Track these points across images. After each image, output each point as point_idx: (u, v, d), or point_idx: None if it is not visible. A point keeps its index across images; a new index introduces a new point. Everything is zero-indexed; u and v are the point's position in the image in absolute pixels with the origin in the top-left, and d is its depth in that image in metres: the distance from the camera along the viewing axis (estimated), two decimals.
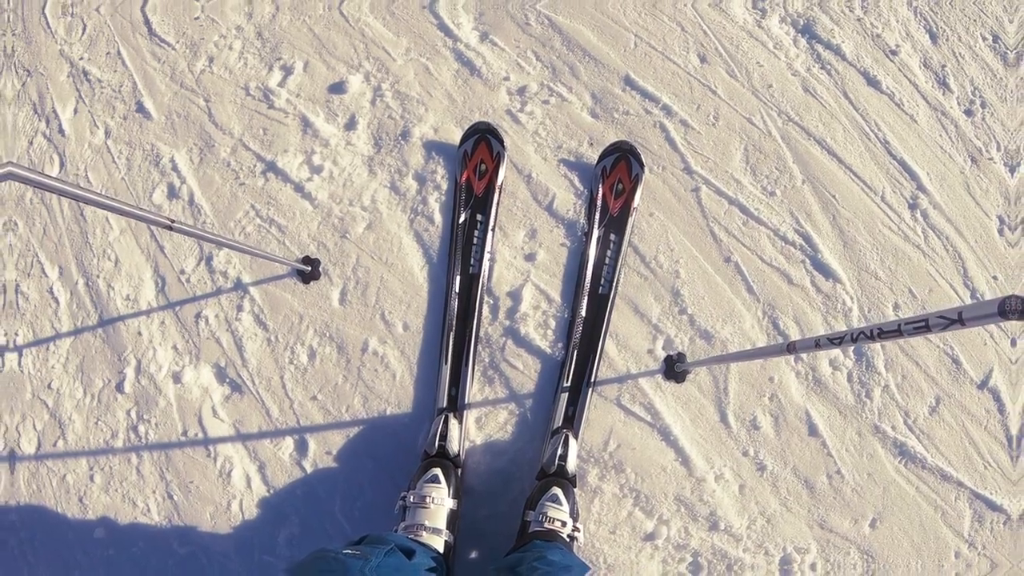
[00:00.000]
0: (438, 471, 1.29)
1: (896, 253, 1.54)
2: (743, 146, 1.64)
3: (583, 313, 1.49)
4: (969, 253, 1.54)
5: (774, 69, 1.71)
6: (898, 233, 1.56)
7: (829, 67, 1.71)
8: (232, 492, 1.45)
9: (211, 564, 1.42)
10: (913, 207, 1.58)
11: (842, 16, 1.77)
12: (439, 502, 1.26)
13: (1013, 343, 1.48)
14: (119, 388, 1.54)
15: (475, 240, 1.56)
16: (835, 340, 0.94)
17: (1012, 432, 1.42)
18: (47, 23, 1.95)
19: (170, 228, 1.09)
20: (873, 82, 1.70)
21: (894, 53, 1.73)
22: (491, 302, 1.54)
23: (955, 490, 1.38)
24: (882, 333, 0.85)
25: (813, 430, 1.42)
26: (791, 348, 1.05)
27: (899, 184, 1.60)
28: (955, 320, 0.73)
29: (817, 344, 0.98)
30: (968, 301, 1.51)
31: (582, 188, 1.61)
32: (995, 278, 1.53)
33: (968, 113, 1.67)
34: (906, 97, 1.68)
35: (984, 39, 1.74)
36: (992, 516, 1.37)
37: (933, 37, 1.75)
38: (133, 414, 1.52)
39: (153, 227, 1.63)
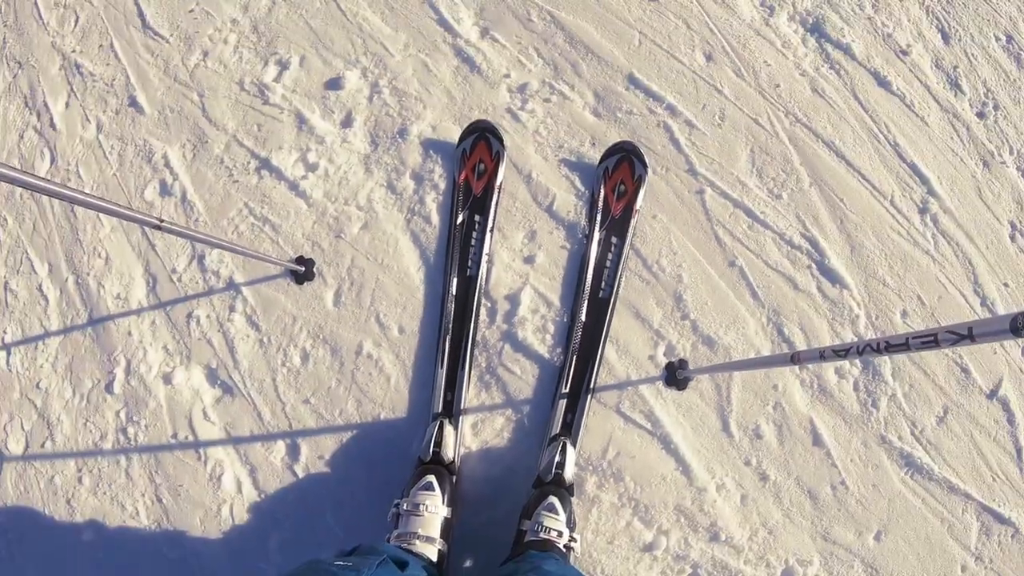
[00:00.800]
0: (432, 478, 1.26)
1: (905, 259, 1.51)
2: (749, 148, 1.60)
3: (583, 318, 1.46)
4: (980, 259, 1.51)
5: (782, 68, 1.67)
6: (907, 238, 1.53)
7: (838, 67, 1.67)
8: (223, 496, 1.42)
9: (202, 569, 1.39)
10: (923, 212, 1.55)
11: (852, 15, 1.73)
12: (433, 510, 1.23)
13: None
14: (108, 389, 1.51)
15: (473, 241, 1.53)
16: (840, 352, 0.90)
17: (1022, 443, 1.39)
18: (39, 14, 1.91)
19: (159, 228, 1.06)
20: (883, 83, 1.66)
21: (905, 53, 1.69)
22: (489, 305, 1.51)
23: (962, 502, 1.35)
24: (889, 347, 0.81)
25: (817, 440, 1.39)
26: (795, 359, 1.01)
27: (909, 188, 1.57)
28: (965, 336, 0.69)
29: (822, 356, 0.94)
30: (978, 308, 1.47)
31: (583, 189, 1.58)
32: (1006, 285, 1.49)
33: (980, 115, 1.63)
34: (917, 99, 1.64)
35: (998, 39, 1.70)
36: (1000, 529, 1.34)
37: (945, 37, 1.71)
38: (122, 415, 1.50)
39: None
